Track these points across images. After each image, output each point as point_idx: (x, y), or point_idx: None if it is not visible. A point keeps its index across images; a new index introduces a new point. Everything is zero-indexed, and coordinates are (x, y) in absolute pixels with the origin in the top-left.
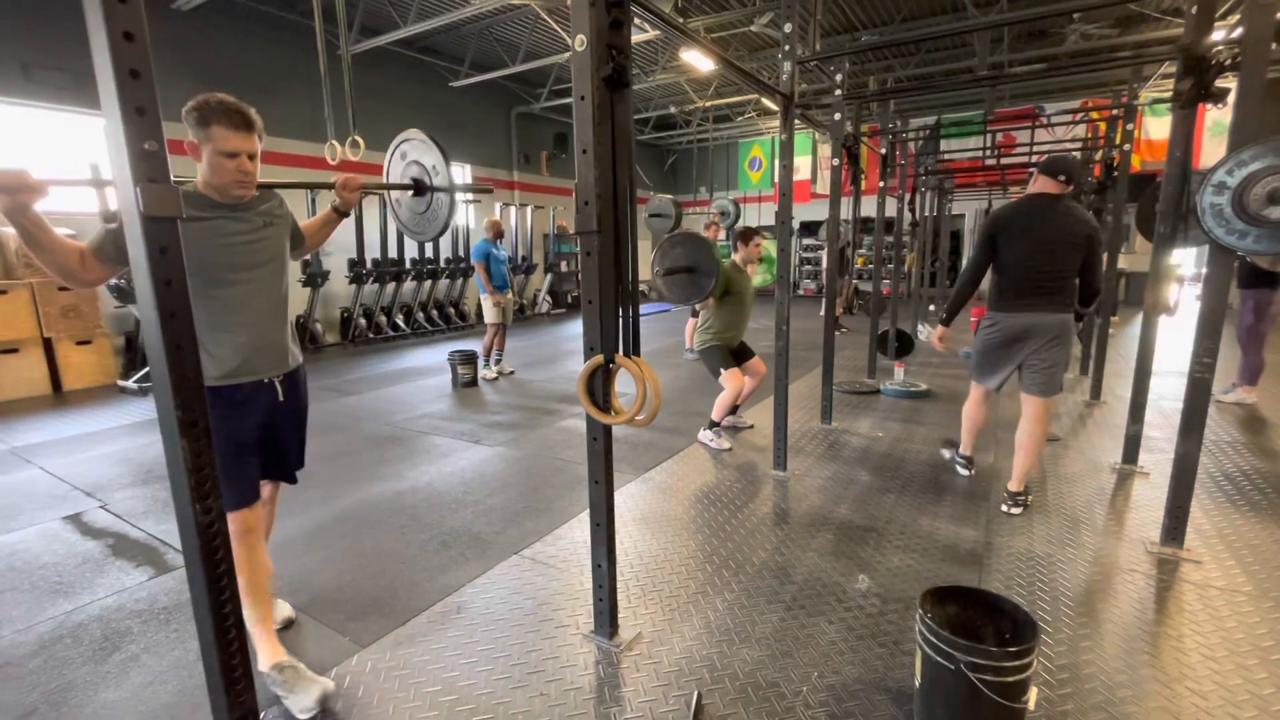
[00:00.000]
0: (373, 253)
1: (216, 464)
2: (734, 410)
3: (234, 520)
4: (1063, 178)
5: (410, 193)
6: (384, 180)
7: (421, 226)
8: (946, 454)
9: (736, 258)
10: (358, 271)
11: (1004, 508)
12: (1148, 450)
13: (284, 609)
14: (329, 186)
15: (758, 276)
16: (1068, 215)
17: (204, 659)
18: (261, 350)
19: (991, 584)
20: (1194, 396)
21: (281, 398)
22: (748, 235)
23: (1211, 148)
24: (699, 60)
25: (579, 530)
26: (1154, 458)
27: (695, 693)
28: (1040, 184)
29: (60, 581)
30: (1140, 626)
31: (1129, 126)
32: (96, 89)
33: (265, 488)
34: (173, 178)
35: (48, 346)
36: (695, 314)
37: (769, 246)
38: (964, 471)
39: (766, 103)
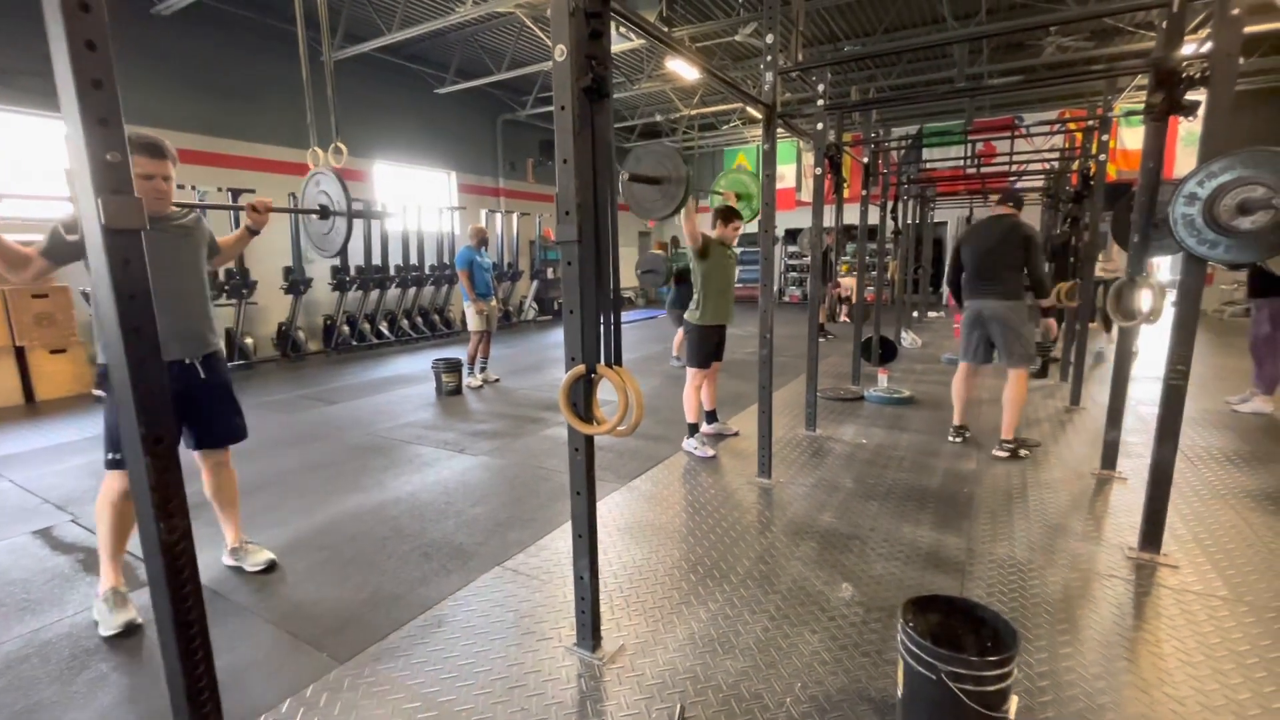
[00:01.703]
0: (356, 259)
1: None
2: (714, 417)
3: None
4: (1010, 204)
5: (316, 216)
6: (300, 204)
7: (325, 245)
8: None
9: (713, 234)
10: (341, 278)
11: (994, 452)
12: (1126, 456)
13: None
14: (241, 208)
15: (741, 208)
16: (1010, 228)
17: (168, 678)
18: (178, 337)
19: (973, 591)
20: (1169, 403)
21: (203, 375)
22: (728, 216)
23: (1184, 158)
24: (684, 69)
25: (562, 540)
26: (1132, 463)
27: (678, 705)
28: (996, 209)
29: (28, 598)
30: (1119, 632)
31: (1104, 137)
32: None
33: (207, 458)
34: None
35: (20, 355)
36: (680, 323)
37: (748, 180)
38: (954, 439)
39: (751, 111)
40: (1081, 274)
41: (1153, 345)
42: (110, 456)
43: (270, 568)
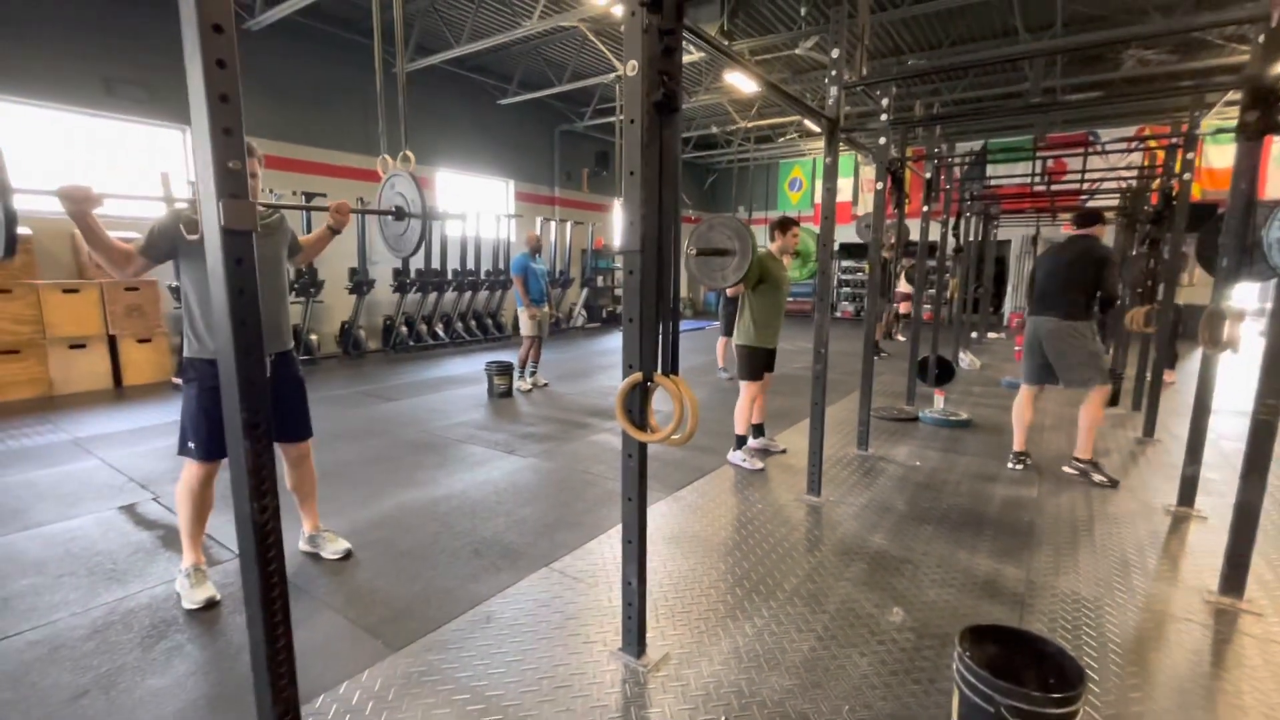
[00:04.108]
0: (417, 263)
1: (200, 422)
2: (761, 431)
3: (200, 467)
4: (1090, 225)
5: (391, 217)
6: (377, 205)
7: (399, 245)
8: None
9: (773, 247)
10: (402, 281)
11: (1064, 468)
12: (1205, 493)
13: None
14: (325, 209)
15: (793, 270)
16: (1085, 249)
17: (251, 647)
18: None
19: (1034, 625)
20: (1258, 439)
21: (270, 373)
22: (786, 224)
23: (1278, 178)
24: (742, 82)
25: (608, 546)
26: (1212, 501)
27: (722, 719)
28: (1075, 230)
29: (114, 568)
30: (1195, 680)
31: (1189, 155)
32: (171, 103)
33: (287, 452)
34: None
35: (111, 343)
36: (728, 333)
37: (807, 239)
38: (1014, 466)
39: (808, 124)
40: (1161, 299)
41: (1233, 375)
42: (189, 445)
43: (346, 556)
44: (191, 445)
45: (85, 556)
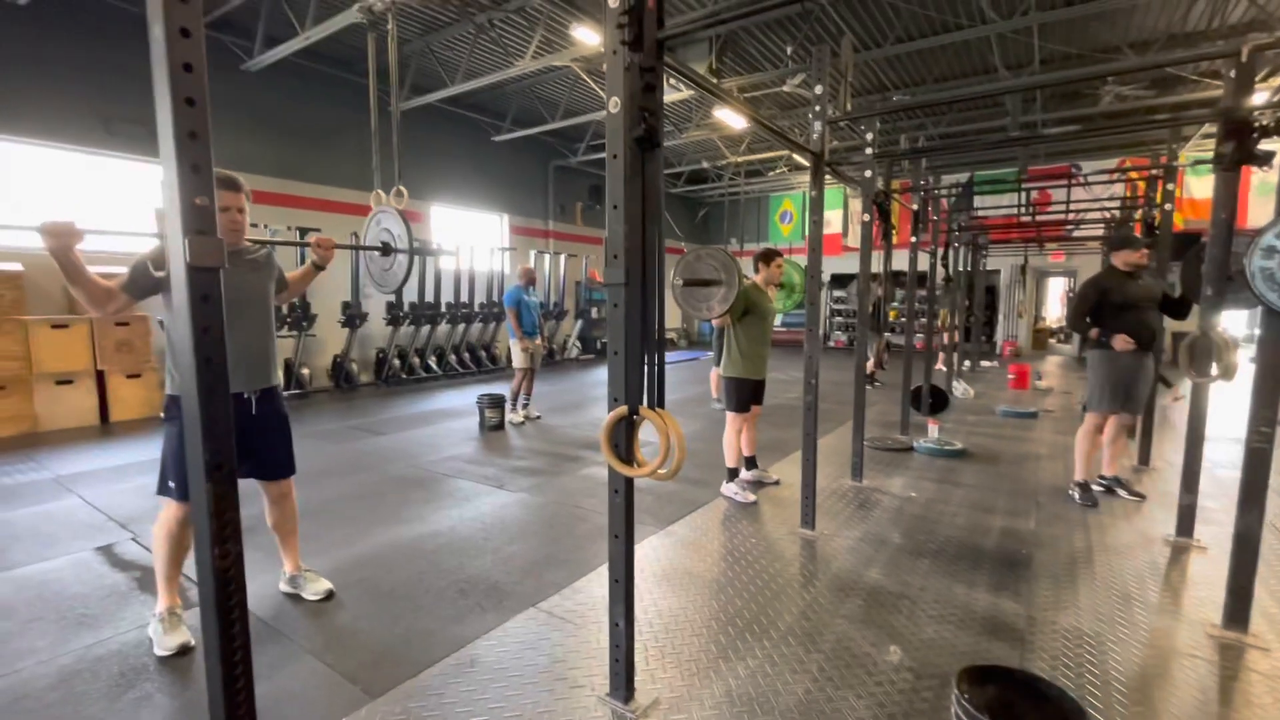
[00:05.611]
0: (410, 296)
1: (181, 460)
2: (754, 463)
3: (180, 507)
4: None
5: (378, 253)
6: (361, 241)
7: (385, 280)
8: None
9: (758, 279)
10: (395, 314)
11: (1069, 489)
12: (1204, 522)
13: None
14: (308, 245)
15: (778, 301)
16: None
17: (210, 701)
18: (238, 370)
19: (1035, 663)
20: (1253, 468)
21: (254, 410)
22: (769, 256)
23: (1259, 206)
24: (731, 118)
25: (598, 584)
26: (1211, 530)
27: None
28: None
29: (86, 613)
30: None
31: (1169, 186)
32: None
33: (268, 490)
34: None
35: (100, 379)
36: (719, 363)
37: (791, 271)
38: (1128, 496)
39: (798, 158)
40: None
41: (1227, 403)
42: (169, 484)
43: (328, 597)
44: (171, 484)
45: (57, 600)
